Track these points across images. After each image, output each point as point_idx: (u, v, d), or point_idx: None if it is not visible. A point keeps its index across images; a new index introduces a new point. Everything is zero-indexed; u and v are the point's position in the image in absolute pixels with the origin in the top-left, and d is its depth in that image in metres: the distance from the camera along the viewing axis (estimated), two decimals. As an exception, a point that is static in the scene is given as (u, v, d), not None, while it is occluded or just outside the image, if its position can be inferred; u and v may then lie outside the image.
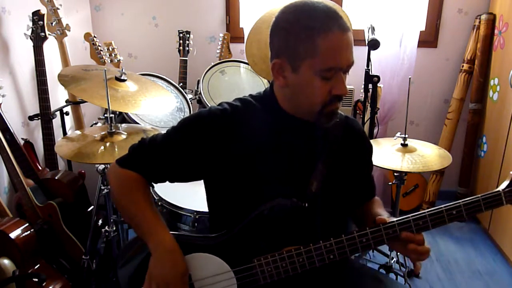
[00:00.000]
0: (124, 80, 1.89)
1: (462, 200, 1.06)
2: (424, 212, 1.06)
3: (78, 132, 1.89)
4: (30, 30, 2.19)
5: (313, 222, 1.12)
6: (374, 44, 2.11)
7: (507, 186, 1.05)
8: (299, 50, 1.01)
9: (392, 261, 2.16)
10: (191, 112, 2.45)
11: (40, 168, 2.23)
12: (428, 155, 1.93)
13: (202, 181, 1.22)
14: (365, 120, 2.39)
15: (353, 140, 1.21)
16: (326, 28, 0.99)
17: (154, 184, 1.22)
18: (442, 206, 1.06)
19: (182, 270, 1.05)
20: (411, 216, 1.06)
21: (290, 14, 1.03)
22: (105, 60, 2.51)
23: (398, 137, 2.02)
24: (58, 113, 2.39)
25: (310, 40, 0.99)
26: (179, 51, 2.73)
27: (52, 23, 2.26)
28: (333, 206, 1.16)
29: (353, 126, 1.23)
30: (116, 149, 1.68)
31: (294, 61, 1.03)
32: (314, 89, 1.04)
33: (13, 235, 1.71)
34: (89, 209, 2.16)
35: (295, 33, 1.01)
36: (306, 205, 1.09)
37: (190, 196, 1.84)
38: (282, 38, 1.04)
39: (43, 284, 1.70)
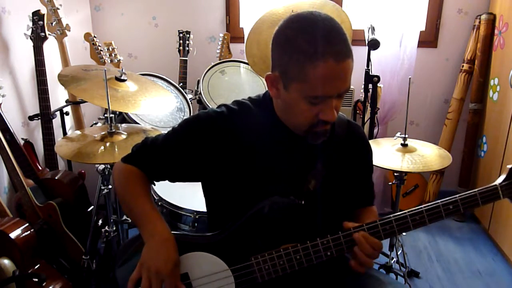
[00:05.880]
0: (124, 80, 1.89)
1: (459, 194, 1.07)
2: (421, 207, 1.07)
3: (78, 132, 1.89)
4: (30, 30, 2.19)
5: (310, 220, 1.13)
6: (374, 44, 2.11)
7: (504, 180, 1.05)
8: (290, 71, 1.00)
9: (392, 261, 2.16)
10: (191, 112, 2.46)
11: (40, 168, 2.23)
12: (428, 155, 1.93)
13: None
14: (365, 120, 2.39)
15: (355, 143, 1.22)
16: (320, 57, 0.95)
17: (155, 183, 1.23)
18: (439, 201, 1.07)
19: (175, 260, 1.05)
20: (408, 212, 1.07)
21: (290, 30, 1.01)
22: (105, 60, 2.51)
23: (398, 137, 2.02)
24: (58, 113, 2.39)
25: (301, 65, 0.97)
26: (179, 51, 2.73)
27: (52, 23, 2.26)
28: (330, 204, 1.17)
29: (354, 130, 1.23)
30: (116, 149, 1.68)
31: (286, 79, 1.02)
32: (300, 111, 1.04)
33: (13, 235, 1.71)
34: (89, 209, 2.16)
35: (290, 53, 0.99)
36: (303, 202, 1.10)
37: (190, 196, 1.85)
38: (278, 53, 1.03)
39: (43, 284, 1.70)
